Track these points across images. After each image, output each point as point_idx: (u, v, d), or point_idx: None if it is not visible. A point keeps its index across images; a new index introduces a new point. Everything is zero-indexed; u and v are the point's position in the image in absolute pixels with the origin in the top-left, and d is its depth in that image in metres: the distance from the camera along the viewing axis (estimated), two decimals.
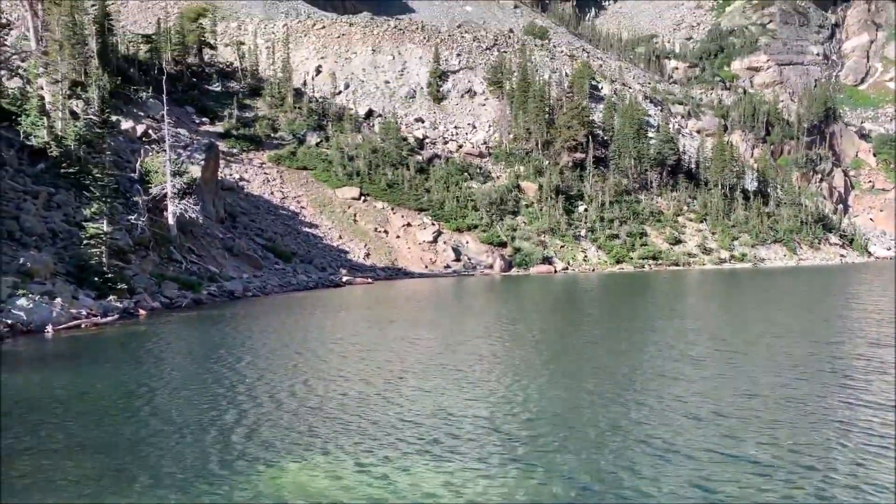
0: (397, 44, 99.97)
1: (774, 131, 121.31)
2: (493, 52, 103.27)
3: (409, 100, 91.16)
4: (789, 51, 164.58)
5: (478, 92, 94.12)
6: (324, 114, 79.32)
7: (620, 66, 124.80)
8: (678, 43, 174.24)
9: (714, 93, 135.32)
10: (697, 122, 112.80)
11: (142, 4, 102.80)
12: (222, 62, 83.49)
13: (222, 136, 68.30)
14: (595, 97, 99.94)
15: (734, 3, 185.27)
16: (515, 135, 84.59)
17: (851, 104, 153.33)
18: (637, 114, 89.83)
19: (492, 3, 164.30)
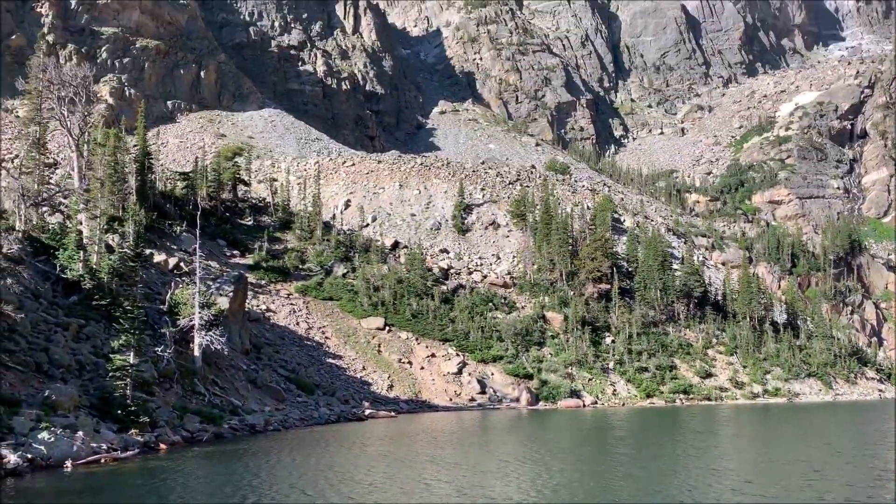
0: (423, 179, 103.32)
1: (800, 263, 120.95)
2: (516, 186, 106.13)
3: (434, 232, 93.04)
4: (809, 185, 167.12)
5: (501, 224, 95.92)
6: (351, 246, 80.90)
7: (642, 200, 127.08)
8: (698, 177, 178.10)
9: (737, 225, 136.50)
10: (722, 254, 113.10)
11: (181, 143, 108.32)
12: (255, 198, 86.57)
13: (252, 267, 69.66)
14: (618, 229, 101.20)
15: (751, 140, 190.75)
16: (539, 265, 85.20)
17: (876, 237, 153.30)
18: (661, 245, 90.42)
19: (514, 142, 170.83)
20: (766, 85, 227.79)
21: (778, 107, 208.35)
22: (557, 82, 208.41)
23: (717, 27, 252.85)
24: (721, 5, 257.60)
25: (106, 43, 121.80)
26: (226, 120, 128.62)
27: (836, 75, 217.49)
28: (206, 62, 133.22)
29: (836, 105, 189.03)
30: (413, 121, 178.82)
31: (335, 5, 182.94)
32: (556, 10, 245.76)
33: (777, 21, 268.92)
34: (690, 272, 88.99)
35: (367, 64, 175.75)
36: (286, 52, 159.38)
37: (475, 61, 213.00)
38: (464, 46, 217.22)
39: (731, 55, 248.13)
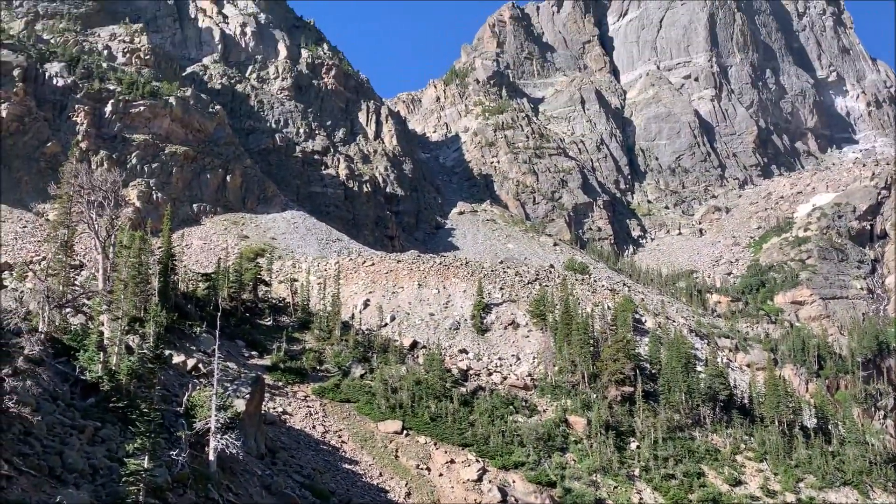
0: (442, 279, 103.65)
1: (827, 365, 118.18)
2: (535, 285, 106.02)
3: (453, 331, 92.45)
4: (832, 285, 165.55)
5: (521, 324, 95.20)
6: (369, 346, 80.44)
7: (663, 301, 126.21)
8: (718, 278, 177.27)
9: (760, 327, 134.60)
10: (746, 355, 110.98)
11: (205, 245, 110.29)
12: (275, 298, 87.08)
13: (269, 368, 69.18)
14: (639, 330, 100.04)
15: (770, 241, 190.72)
16: (560, 367, 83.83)
17: None
18: (684, 347, 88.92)
19: (532, 241, 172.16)
20: (783, 186, 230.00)
21: (795, 208, 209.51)
22: (574, 184, 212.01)
23: (730, 131, 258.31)
24: (733, 110, 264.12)
25: (136, 149, 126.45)
26: (249, 222, 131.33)
27: (851, 177, 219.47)
28: (232, 166, 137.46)
29: (854, 206, 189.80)
30: (432, 221, 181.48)
31: (358, 113, 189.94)
32: (570, 115, 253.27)
33: (789, 125, 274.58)
34: (715, 374, 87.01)
35: (387, 167, 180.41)
36: (310, 157, 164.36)
37: (493, 164, 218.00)
38: (481, 150, 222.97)
39: (746, 157, 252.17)
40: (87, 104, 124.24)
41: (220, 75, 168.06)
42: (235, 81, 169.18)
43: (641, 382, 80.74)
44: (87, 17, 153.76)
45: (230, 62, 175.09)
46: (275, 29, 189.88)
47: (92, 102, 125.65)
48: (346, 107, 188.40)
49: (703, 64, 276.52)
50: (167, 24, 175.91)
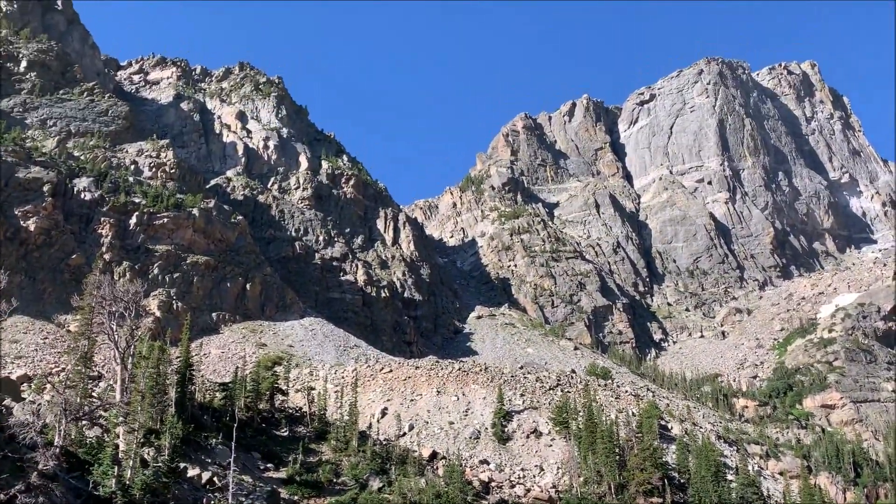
0: (461, 385, 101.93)
1: (864, 473, 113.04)
2: (557, 391, 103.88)
3: (473, 441, 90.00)
4: (862, 388, 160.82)
5: (543, 432, 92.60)
6: (387, 457, 78.23)
7: (688, 406, 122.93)
8: (744, 381, 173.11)
9: (790, 432, 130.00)
10: (778, 463, 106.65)
11: (223, 354, 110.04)
12: (292, 407, 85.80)
13: (285, 482, 67.19)
14: (665, 437, 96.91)
15: (795, 342, 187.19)
16: (586, 478, 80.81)
17: None
18: (713, 455, 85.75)
19: (552, 345, 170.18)
20: (803, 287, 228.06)
21: (818, 308, 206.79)
22: (592, 287, 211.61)
23: (746, 233, 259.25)
24: (748, 212, 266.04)
25: (158, 260, 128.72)
26: (267, 329, 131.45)
27: (872, 276, 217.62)
28: (252, 275, 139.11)
29: (878, 306, 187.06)
30: (450, 326, 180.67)
31: (376, 220, 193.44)
32: (586, 219, 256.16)
33: (806, 226, 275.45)
34: (747, 483, 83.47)
35: (405, 272, 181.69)
36: (329, 264, 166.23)
37: (510, 268, 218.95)
38: (498, 254, 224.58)
39: (764, 259, 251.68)
40: (112, 217, 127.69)
41: (243, 187, 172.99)
42: (257, 192, 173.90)
43: (671, 493, 77.50)
44: (116, 135, 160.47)
45: (253, 174, 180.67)
46: (296, 142, 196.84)
47: (117, 215, 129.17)
48: (364, 214, 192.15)
49: (715, 168, 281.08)
50: (192, 139, 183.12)
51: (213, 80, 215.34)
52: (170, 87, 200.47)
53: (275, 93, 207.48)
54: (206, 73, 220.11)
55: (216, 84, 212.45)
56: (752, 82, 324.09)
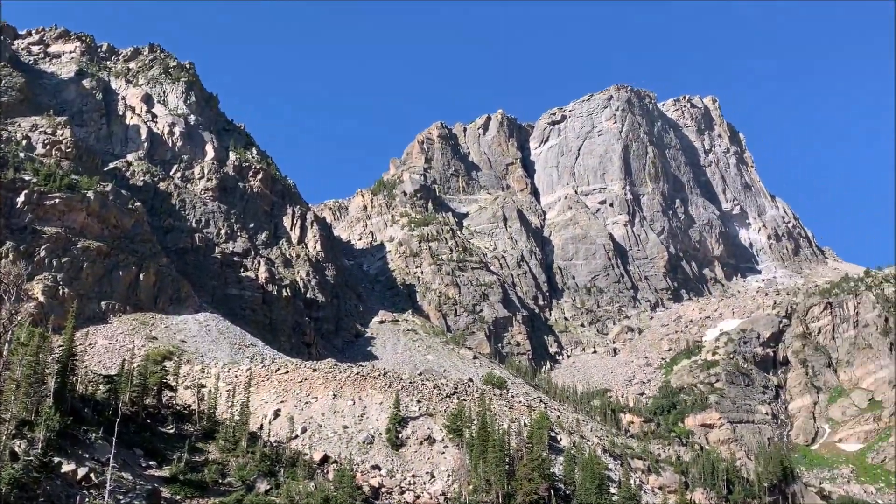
0: (359, 389, 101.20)
1: (736, 490, 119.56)
2: (454, 399, 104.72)
3: (366, 446, 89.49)
4: (739, 409, 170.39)
5: (437, 439, 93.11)
6: (277, 459, 76.67)
7: (578, 419, 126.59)
8: (632, 398, 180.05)
9: (671, 448, 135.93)
10: (658, 478, 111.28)
11: (110, 345, 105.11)
12: (180, 404, 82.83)
13: (168, 480, 64.69)
14: (554, 448, 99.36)
15: (681, 363, 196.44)
16: (475, 486, 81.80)
17: (807, 464, 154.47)
18: (598, 468, 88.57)
19: (452, 353, 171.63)
20: (692, 311, 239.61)
21: (704, 332, 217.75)
22: (495, 298, 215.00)
23: (642, 255, 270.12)
24: (645, 235, 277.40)
25: (46, 242, 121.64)
26: (159, 322, 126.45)
27: (755, 304, 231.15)
28: (146, 264, 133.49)
29: (759, 332, 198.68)
30: (352, 329, 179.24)
31: (283, 217, 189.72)
32: (493, 232, 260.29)
33: (698, 252, 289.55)
34: (628, 497, 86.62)
35: (309, 273, 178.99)
36: (229, 258, 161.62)
37: (416, 275, 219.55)
38: (406, 260, 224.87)
39: (657, 281, 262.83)
40: None
41: (144, 172, 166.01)
42: (159, 179, 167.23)
43: (556, 503, 79.49)
44: (8, 107, 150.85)
45: (155, 160, 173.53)
46: (204, 131, 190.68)
47: (3, 192, 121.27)
48: (270, 210, 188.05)
49: (617, 191, 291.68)
50: (93, 118, 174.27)
51: (120, 60, 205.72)
52: (72, 63, 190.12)
53: (185, 78, 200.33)
54: (113, 51, 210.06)
55: (123, 64, 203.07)
56: (657, 112, 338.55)
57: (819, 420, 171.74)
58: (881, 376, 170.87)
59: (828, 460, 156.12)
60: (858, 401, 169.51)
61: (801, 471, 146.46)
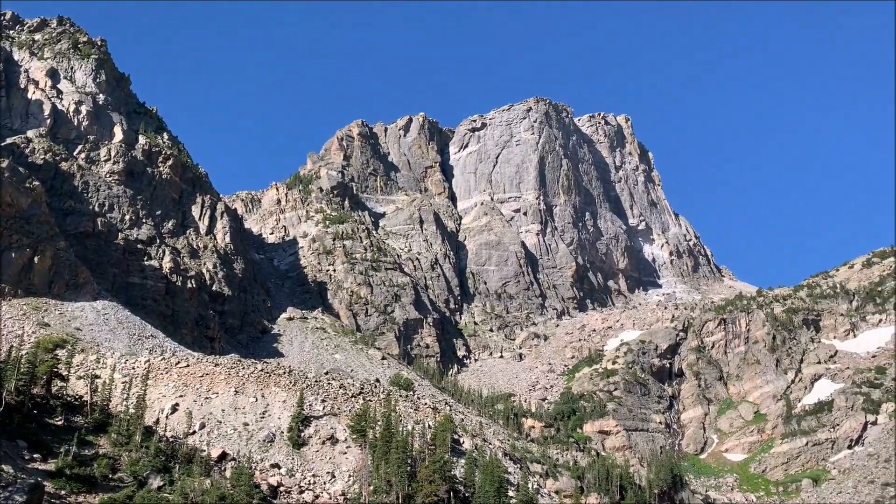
0: (262, 386, 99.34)
1: (628, 495, 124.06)
2: (359, 399, 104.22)
3: (267, 444, 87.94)
4: (635, 417, 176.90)
5: (340, 439, 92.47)
6: (173, 455, 74.41)
7: (481, 422, 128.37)
8: (534, 403, 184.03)
9: (569, 454, 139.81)
10: (555, 482, 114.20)
11: None
12: (71, 395, 79.11)
13: (53, 474, 61.76)
14: (457, 451, 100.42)
15: (582, 370, 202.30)
16: (376, 487, 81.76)
17: (695, 472, 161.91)
18: (498, 471, 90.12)
19: (360, 353, 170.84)
20: (596, 320, 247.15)
21: (605, 341, 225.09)
22: (407, 299, 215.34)
23: (552, 264, 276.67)
24: (556, 246, 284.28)
25: None
26: (53, 309, 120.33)
27: (655, 317, 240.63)
28: (42, 247, 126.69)
29: (657, 344, 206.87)
30: (258, 325, 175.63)
31: (191, 206, 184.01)
32: (409, 233, 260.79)
33: (604, 265, 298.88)
34: (525, 500, 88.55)
35: (217, 264, 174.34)
36: (132, 246, 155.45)
37: (328, 272, 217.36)
38: (318, 257, 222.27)
39: (565, 290, 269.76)
40: None
41: (45, 150, 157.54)
42: (61, 159, 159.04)
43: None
44: None
45: (58, 138, 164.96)
46: (113, 111, 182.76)
47: None
48: (179, 198, 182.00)
49: (531, 201, 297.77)
50: None
51: (25, 30, 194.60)
52: None
53: (95, 55, 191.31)
54: (18, 20, 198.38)
55: (28, 34, 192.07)
56: (573, 126, 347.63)
57: (708, 430, 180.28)
58: (767, 391, 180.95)
59: (714, 469, 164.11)
60: (745, 413, 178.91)
61: (690, 478, 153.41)
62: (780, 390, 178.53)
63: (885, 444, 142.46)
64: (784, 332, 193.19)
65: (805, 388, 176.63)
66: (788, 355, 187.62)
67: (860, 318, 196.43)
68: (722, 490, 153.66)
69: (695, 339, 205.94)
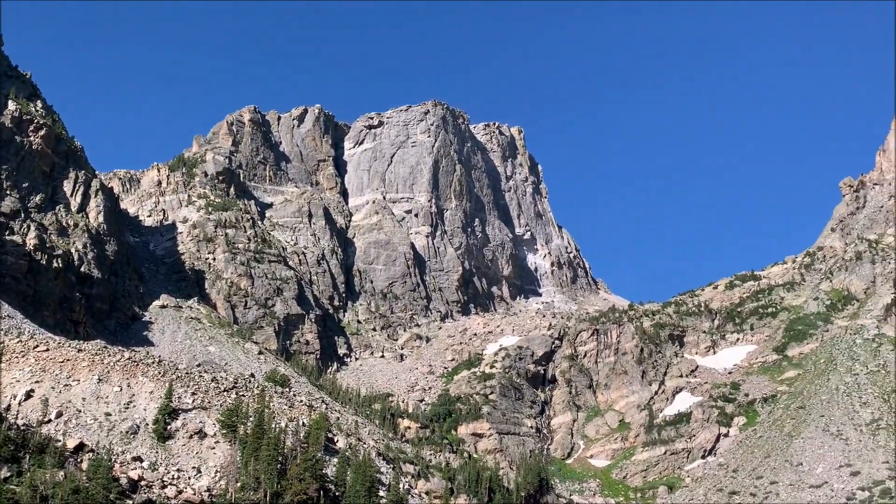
0: (128, 376, 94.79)
1: (496, 497, 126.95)
2: (232, 394, 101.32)
3: (130, 436, 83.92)
4: (508, 421, 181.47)
5: (209, 434, 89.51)
6: (23, 444, 69.68)
7: (357, 421, 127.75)
8: (412, 404, 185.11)
9: (442, 455, 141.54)
10: (426, 483, 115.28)
11: None
12: None
13: None
14: (330, 450, 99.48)
15: (461, 373, 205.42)
16: (243, 483, 79.71)
17: (561, 476, 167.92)
18: (370, 471, 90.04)
19: (236, 347, 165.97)
20: (477, 325, 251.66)
21: (485, 346, 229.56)
22: (289, 294, 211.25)
23: (439, 267, 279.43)
24: (444, 249, 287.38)
25: None
26: None
27: (533, 324, 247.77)
28: None
29: (533, 351, 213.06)
30: (129, 311, 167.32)
31: (63, 181, 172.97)
32: (296, 226, 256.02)
33: (489, 271, 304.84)
34: (395, 500, 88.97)
35: (87, 245, 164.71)
36: None
37: (208, 261, 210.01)
38: (198, 245, 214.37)
39: (450, 294, 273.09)
40: None
41: None
42: None
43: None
44: None
45: None
46: None
47: None
48: (50, 171, 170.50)
49: (423, 203, 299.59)
50: None
51: None
52: None
53: None
54: None
55: None
56: (468, 133, 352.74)
57: (576, 436, 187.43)
58: (632, 400, 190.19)
59: (579, 474, 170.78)
60: (611, 421, 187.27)
61: (556, 482, 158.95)
62: (644, 400, 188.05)
63: (734, 455, 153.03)
64: (651, 345, 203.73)
65: (667, 399, 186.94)
66: (654, 367, 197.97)
67: (720, 336, 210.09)
68: (585, 494, 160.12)
69: (569, 348, 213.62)
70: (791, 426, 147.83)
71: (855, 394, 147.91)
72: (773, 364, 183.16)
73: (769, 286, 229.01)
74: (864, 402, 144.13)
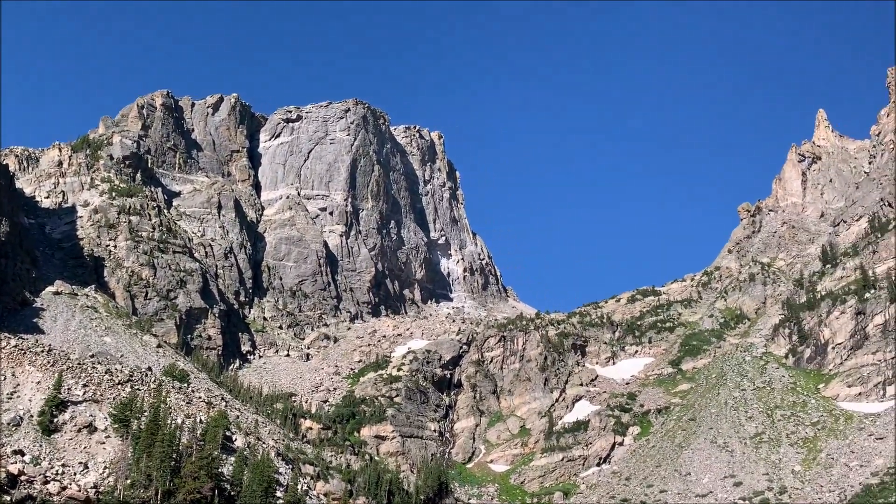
0: (14, 364, 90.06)
1: (395, 500, 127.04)
2: (126, 387, 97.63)
3: (12, 428, 79.64)
4: (411, 424, 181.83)
5: (99, 428, 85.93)
6: None
7: (257, 420, 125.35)
8: (315, 404, 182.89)
9: (343, 457, 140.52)
10: (326, 484, 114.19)
11: None
12: None
13: None
14: (228, 448, 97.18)
15: (367, 375, 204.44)
16: (133, 480, 76.86)
17: (461, 480, 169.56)
18: (268, 471, 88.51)
19: (134, 339, 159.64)
20: (387, 327, 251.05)
21: (394, 348, 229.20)
22: (193, 287, 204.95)
23: (351, 267, 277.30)
24: (357, 249, 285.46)
25: None
26: None
27: (442, 329, 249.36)
28: None
29: (441, 355, 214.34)
30: (18, 296, 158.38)
31: None
32: (204, 217, 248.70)
33: (402, 274, 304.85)
34: (293, 501, 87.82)
35: None
36: None
37: (108, 248, 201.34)
38: (98, 230, 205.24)
39: (361, 294, 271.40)
40: None
41: None
42: None
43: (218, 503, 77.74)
44: None
45: None
46: None
47: None
48: None
49: (339, 201, 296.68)
50: None
51: None
52: None
53: None
54: None
55: None
56: (389, 134, 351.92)
57: (478, 441, 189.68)
58: (533, 407, 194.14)
59: (479, 478, 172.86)
60: (512, 427, 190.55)
61: (456, 486, 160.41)
62: (545, 407, 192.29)
63: (627, 464, 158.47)
64: (555, 353, 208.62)
65: (567, 407, 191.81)
66: (556, 375, 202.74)
67: (620, 348, 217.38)
68: (483, 499, 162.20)
69: (476, 353, 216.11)
70: (682, 437, 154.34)
71: (742, 408, 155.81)
72: (668, 377, 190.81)
73: (668, 302, 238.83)
74: (750, 417, 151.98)
